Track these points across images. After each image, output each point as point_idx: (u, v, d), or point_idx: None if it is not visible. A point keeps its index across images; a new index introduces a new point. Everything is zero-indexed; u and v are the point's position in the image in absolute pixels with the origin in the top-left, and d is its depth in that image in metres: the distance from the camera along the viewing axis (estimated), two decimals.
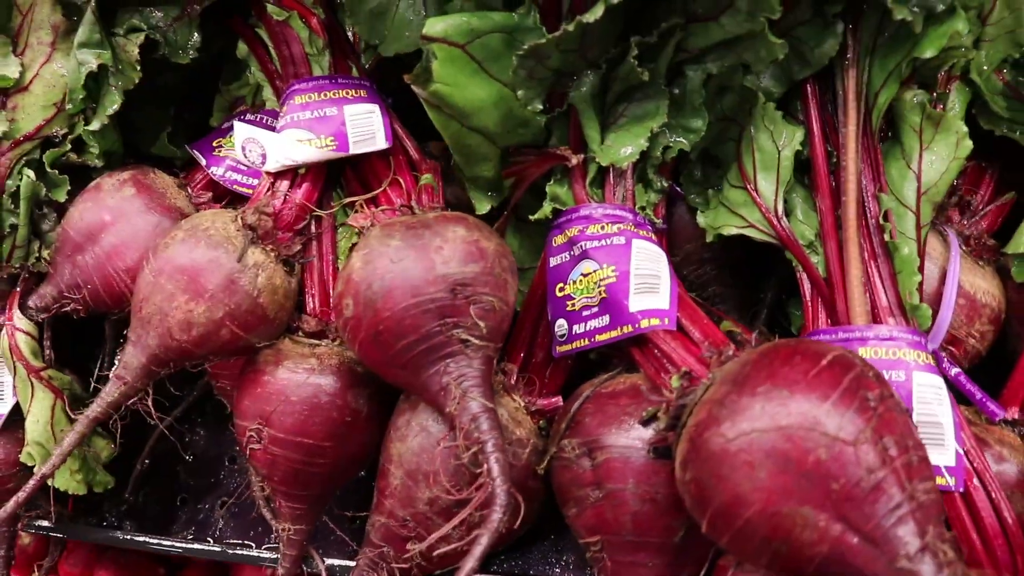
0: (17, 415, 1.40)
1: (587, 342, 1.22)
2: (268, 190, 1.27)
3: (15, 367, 1.34)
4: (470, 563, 1.00)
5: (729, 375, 0.97)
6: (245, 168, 1.42)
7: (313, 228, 1.30)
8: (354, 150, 1.25)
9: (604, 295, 1.18)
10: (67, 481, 1.39)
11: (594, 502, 1.14)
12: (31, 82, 1.33)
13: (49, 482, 1.38)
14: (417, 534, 1.23)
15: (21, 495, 1.19)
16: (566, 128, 1.26)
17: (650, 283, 1.15)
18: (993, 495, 1.07)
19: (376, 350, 1.13)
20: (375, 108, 1.30)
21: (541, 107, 1.19)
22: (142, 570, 1.74)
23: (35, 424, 1.34)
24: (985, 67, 1.16)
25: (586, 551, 1.20)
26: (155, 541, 1.47)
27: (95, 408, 1.21)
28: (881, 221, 1.14)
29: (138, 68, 1.31)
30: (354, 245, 1.32)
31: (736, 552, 0.94)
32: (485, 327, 1.13)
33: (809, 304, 1.22)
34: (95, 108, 1.33)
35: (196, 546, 1.47)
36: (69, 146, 1.37)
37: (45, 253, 1.40)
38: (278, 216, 1.25)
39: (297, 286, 1.29)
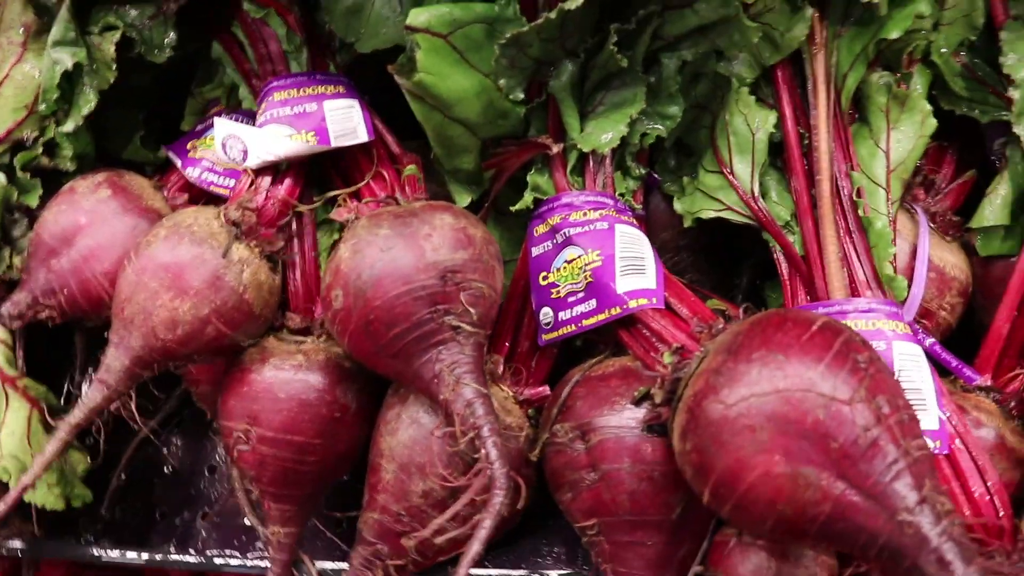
0: None
1: (574, 327, 1.23)
2: (250, 187, 1.26)
3: None
4: (475, 546, 1.00)
5: (723, 345, 0.99)
6: (221, 169, 1.40)
7: (295, 225, 1.29)
8: (336, 144, 1.25)
9: (590, 279, 1.19)
10: (45, 496, 1.34)
11: (590, 484, 1.14)
12: (0, 84, 1.30)
13: (26, 498, 1.34)
14: (412, 528, 1.21)
15: (0, 507, 1.15)
16: (544, 118, 1.28)
17: (636, 265, 1.17)
18: (976, 457, 1.11)
19: (367, 340, 1.13)
20: (354, 103, 1.30)
21: (522, 96, 1.21)
22: None
23: (10, 437, 1.30)
24: (944, 49, 1.22)
25: (582, 536, 1.20)
26: (136, 555, 1.43)
27: (77, 414, 1.18)
28: (854, 198, 1.19)
29: (114, 68, 1.29)
30: (337, 240, 1.33)
31: (739, 520, 0.95)
32: (475, 314, 1.13)
33: (787, 282, 1.25)
34: (68, 109, 1.30)
35: (179, 558, 1.43)
36: (40, 149, 1.34)
37: (16, 260, 1.36)
38: (261, 212, 1.24)
39: (280, 283, 1.27)
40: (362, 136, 1.26)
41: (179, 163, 1.39)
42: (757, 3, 1.14)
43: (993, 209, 1.24)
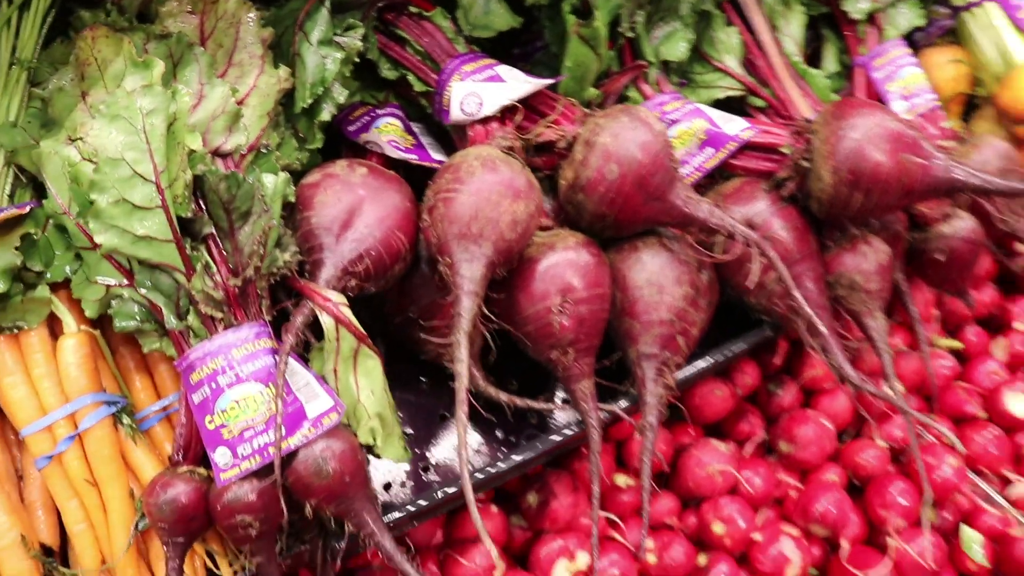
0: None
1: (699, 175, 1.87)
2: (484, 132, 1.62)
3: (339, 346, 1.37)
4: (785, 272, 1.57)
5: (827, 121, 1.75)
6: (403, 147, 1.69)
7: None
8: (532, 89, 1.69)
9: (703, 137, 1.85)
10: (396, 449, 1.45)
11: None
12: (247, 96, 1.41)
13: (383, 455, 1.45)
14: (681, 329, 1.70)
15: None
16: (621, 55, 1.91)
17: (728, 117, 1.87)
18: None
19: (638, 193, 1.61)
20: (510, 67, 1.75)
21: (633, 34, 1.82)
22: None
23: (370, 396, 1.38)
24: None
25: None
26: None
27: (463, 323, 1.41)
28: (793, 61, 2.07)
29: (353, 62, 1.51)
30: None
31: (879, 203, 1.71)
32: (680, 160, 1.71)
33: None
34: (318, 102, 1.48)
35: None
36: (278, 152, 1.48)
37: (287, 255, 1.45)
38: None
39: None
40: (539, 84, 1.72)
41: (384, 146, 1.65)
42: None
43: (830, 62, 2.24)
